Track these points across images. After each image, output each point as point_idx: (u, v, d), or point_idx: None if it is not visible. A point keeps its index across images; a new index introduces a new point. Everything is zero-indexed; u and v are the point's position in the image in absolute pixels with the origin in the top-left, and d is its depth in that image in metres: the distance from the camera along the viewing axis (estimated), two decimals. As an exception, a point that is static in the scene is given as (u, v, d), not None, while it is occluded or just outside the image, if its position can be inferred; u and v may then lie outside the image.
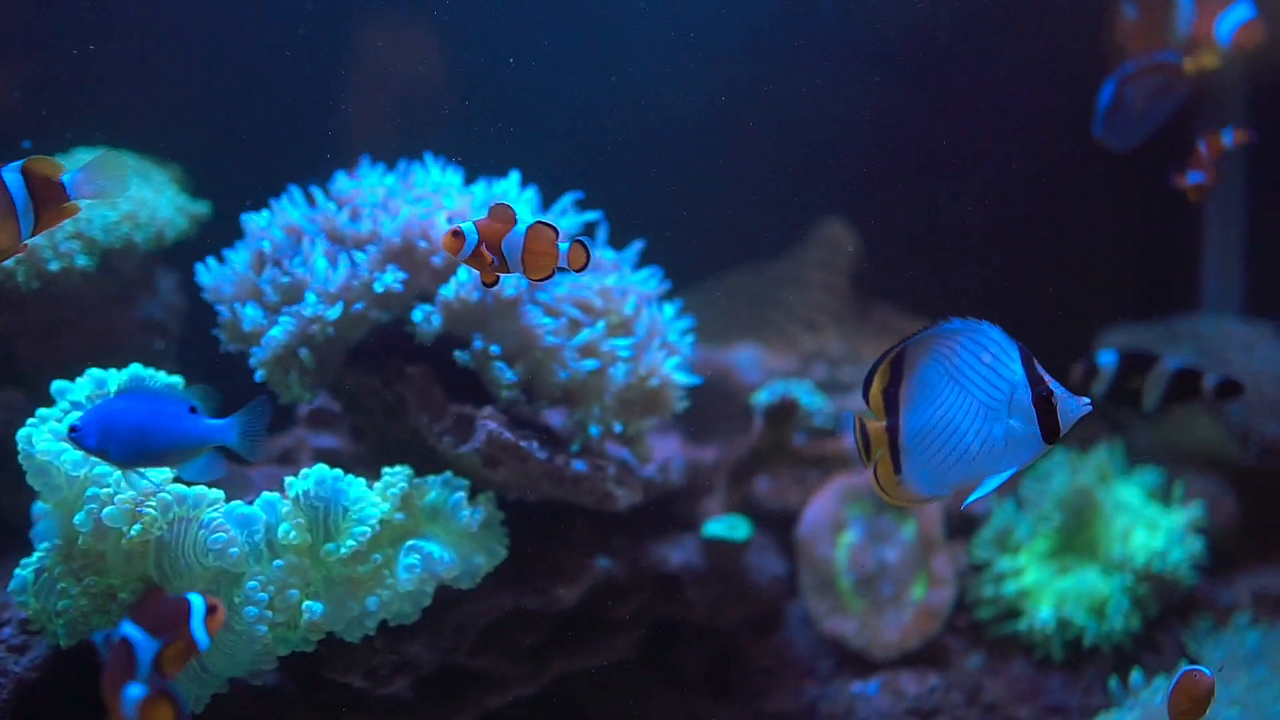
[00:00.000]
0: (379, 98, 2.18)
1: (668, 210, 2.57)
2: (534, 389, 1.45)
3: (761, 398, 1.71)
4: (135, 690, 0.93)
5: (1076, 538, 1.86)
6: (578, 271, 1.16)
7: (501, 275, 1.14)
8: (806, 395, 1.71)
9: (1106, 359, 1.79)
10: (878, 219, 2.55)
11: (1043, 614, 1.76)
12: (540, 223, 1.12)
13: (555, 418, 1.52)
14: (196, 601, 0.99)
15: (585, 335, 1.44)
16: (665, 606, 1.81)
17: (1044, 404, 1.05)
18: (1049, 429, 1.05)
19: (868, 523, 1.88)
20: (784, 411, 1.72)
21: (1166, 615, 1.92)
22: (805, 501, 1.94)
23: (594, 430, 1.43)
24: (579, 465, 1.42)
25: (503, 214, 1.12)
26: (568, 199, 1.54)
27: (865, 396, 1.11)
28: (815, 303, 2.38)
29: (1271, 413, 2.00)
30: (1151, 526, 1.93)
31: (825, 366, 2.27)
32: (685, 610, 1.82)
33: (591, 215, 1.58)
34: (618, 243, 1.64)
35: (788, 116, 2.57)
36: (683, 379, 1.55)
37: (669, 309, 1.59)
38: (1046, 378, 1.07)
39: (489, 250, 1.11)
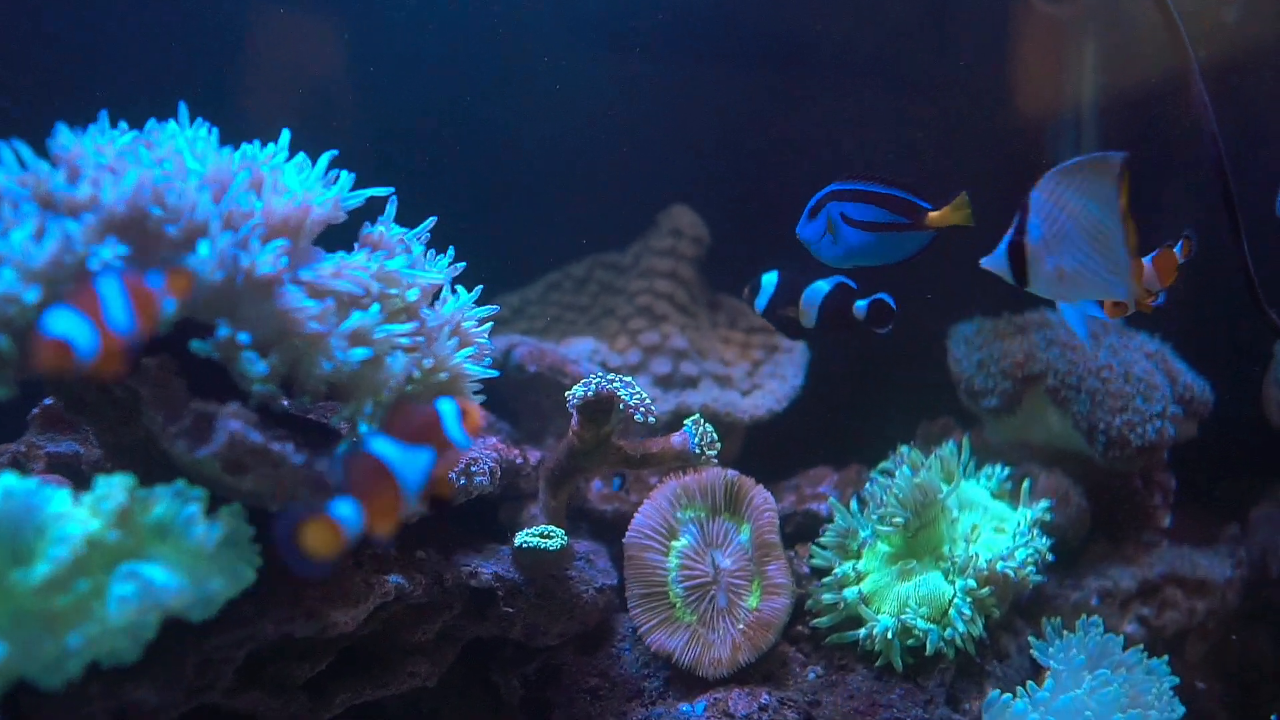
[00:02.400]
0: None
1: (512, 199, 2.40)
2: (296, 382, 1.25)
3: (577, 393, 1.55)
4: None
5: (920, 539, 1.76)
6: None
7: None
8: (627, 389, 1.56)
9: (768, 278, 1.71)
10: (727, 207, 2.44)
11: (883, 621, 1.65)
12: None
13: (327, 416, 1.33)
14: (447, 407, 1.04)
15: (355, 320, 1.25)
16: (478, 624, 1.63)
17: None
18: None
19: (702, 527, 1.74)
20: (602, 407, 1.56)
21: (1013, 617, 1.84)
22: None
23: (365, 429, 1.25)
24: (347, 470, 1.23)
25: None
26: (325, 160, 1.34)
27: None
28: (660, 293, 2.23)
29: (1119, 406, 1.94)
30: (997, 526, 1.85)
31: (668, 359, 2.12)
32: (501, 627, 1.64)
33: (381, 190, 1.39)
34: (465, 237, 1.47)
35: (637, 104, 2.45)
36: (476, 371, 1.37)
37: (465, 294, 1.42)
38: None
39: None
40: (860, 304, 1.67)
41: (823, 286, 1.66)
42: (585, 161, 2.48)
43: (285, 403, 1.27)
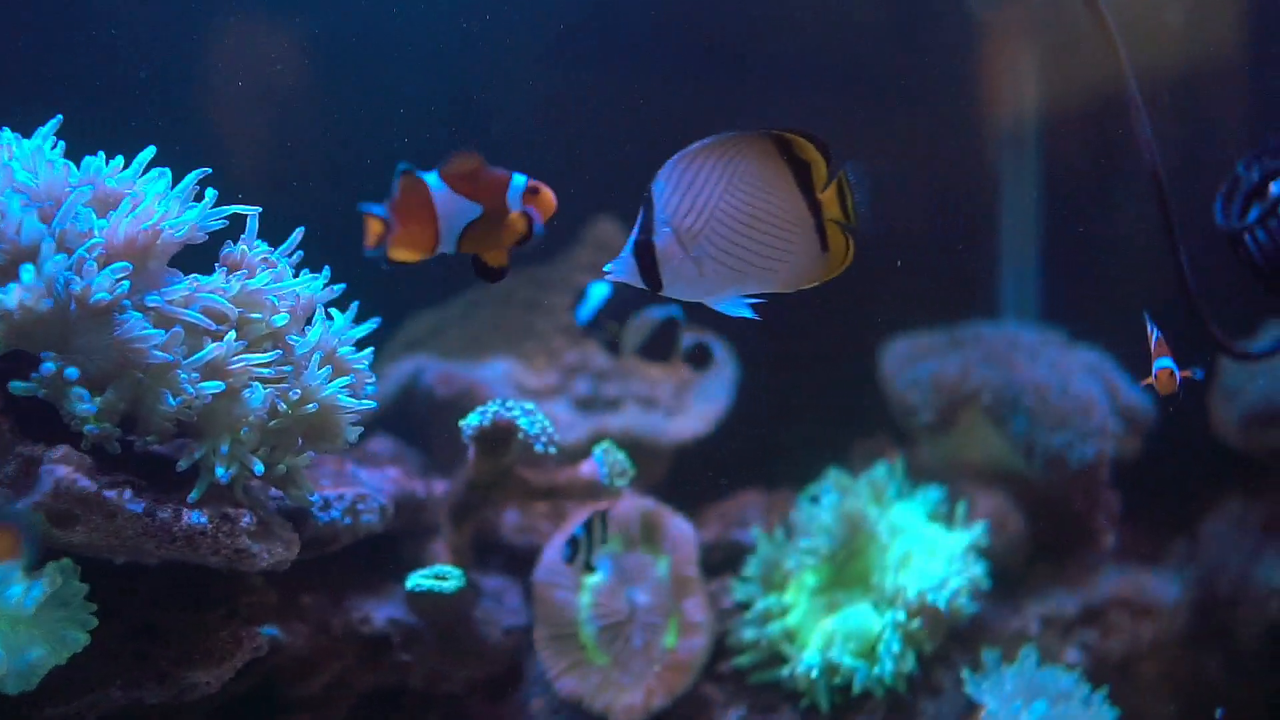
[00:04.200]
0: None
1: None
2: (139, 420, 1.13)
3: (471, 422, 1.43)
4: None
5: (849, 568, 1.66)
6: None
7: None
8: (527, 418, 1.45)
9: (597, 289, 1.63)
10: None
11: (807, 658, 1.55)
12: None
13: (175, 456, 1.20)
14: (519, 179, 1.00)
15: (208, 351, 1.13)
16: (372, 674, 1.51)
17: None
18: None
19: (617, 561, 1.63)
20: (500, 437, 1.45)
21: (950, 648, 1.74)
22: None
23: (221, 472, 1.13)
24: (195, 517, 1.11)
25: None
26: (191, 178, 1.22)
27: None
28: (582, 310, 2.12)
29: (1056, 424, 1.86)
30: (930, 552, 1.75)
31: (589, 380, 2.01)
32: (399, 676, 1.53)
33: (246, 208, 1.27)
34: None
35: (560, 114, 2.35)
36: (350, 403, 1.25)
37: (340, 318, 1.30)
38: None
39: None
40: (687, 341, 1.63)
41: (654, 314, 1.58)
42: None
43: (136, 442, 1.15)
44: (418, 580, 1.43)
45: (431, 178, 1.00)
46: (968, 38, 2.50)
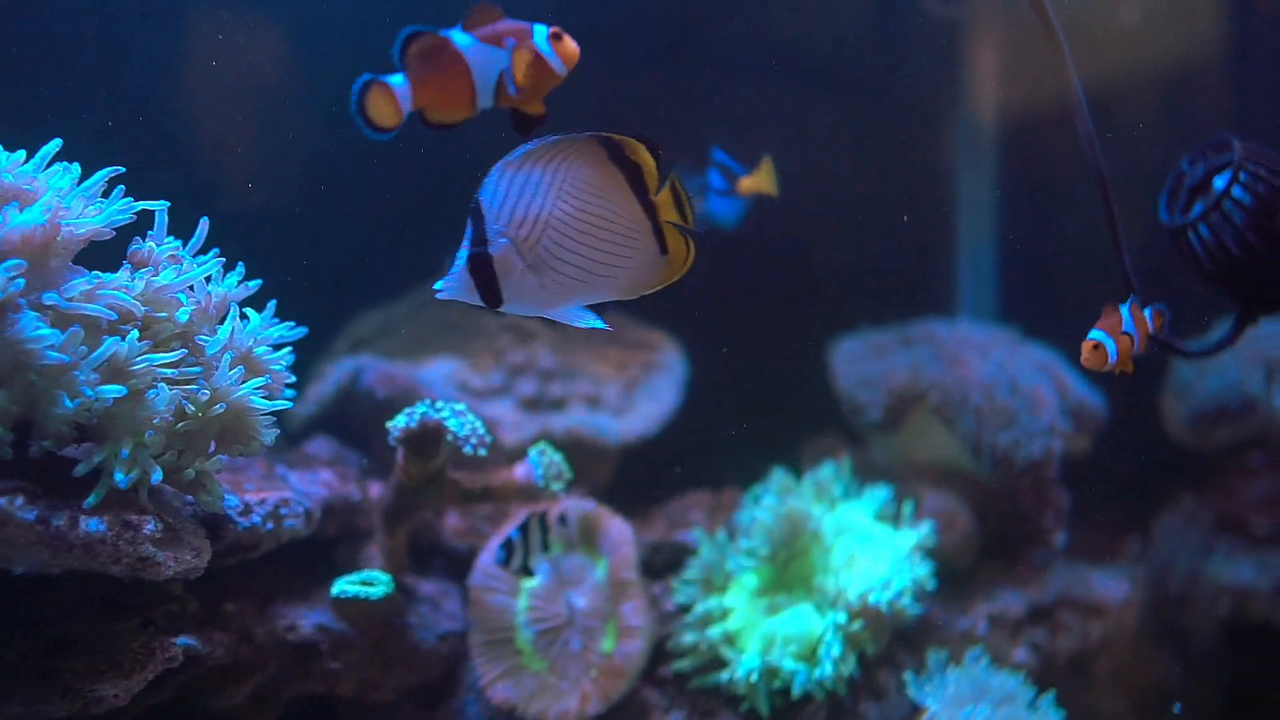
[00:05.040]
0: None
1: (378, 209, 2.24)
2: (35, 425, 1.09)
3: (398, 423, 1.40)
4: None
5: (792, 569, 1.63)
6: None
7: None
8: (457, 419, 1.41)
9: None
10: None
11: (746, 661, 1.52)
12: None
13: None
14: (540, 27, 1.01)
15: (108, 350, 1.09)
16: (300, 682, 1.47)
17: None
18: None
19: (555, 564, 1.59)
20: (428, 439, 1.41)
21: (896, 649, 1.72)
22: (500, 540, 1.65)
23: (120, 477, 1.08)
24: (93, 525, 1.07)
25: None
26: (101, 175, 1.18)
27: None
28: (529, 308, 2.09)
29: (1004, 422, 1.84)
30: (876, 552, 1.73)
31: (534, 380, 1.98)
32: (328, 684, 1.49)
33: (154, 204, 1.22)
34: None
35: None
36: (264, 404, 1.21)
37: (256, 317, 1.26)
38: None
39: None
40: None
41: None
42: (469, 167, 2.33)
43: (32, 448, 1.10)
44: (343, 586, 1.40)
45: (456, 34, 0.98)
46: (927, 36, 2.48)
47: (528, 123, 1.02)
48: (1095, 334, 1.20)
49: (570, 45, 1.01)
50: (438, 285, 0.96)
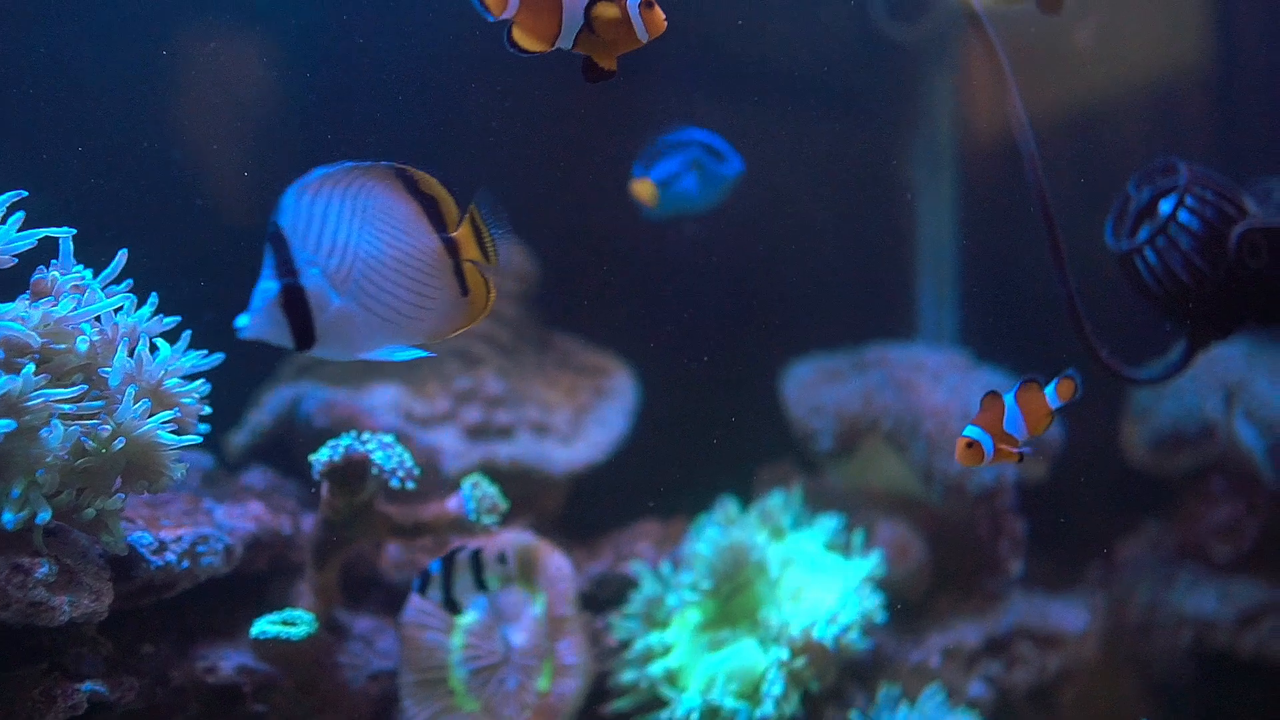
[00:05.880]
0: None
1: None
2: (-79, 463, 1.04)
3: (321, 456, 1.35)
4: None
5: (736, 603, 1.59)
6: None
7: None
8: (384, 452, 1.37)
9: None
10: (559, 237, 2.27)
11: (686, 700, 1.47)
12: None
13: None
14: None
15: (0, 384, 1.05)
16: (222, 726, 1.42)
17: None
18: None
19: (492, 599, 1.55)
20: (353, 473, 1.37)
21: (846, 684, 1.68)
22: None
23: (9, 517, 1.04)
24: (-24, 569, 1.02)
25: None
26: (4, 199, 1.14)
27: None
28: (477, 333, 2.05)
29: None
30: (825, 584, 1.69)
31: (480, 407, 1.93)
32: (252, 727, 1.43)
33: (58, 230, 1.18)
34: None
35: (454, 122, 2.28)
36: (171, 439, 1.17)
37: (166, 348, 1.21)
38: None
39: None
40: None
41: None
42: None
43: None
44: (263, 626, 1.35)
45: None
46: (885, 56, 2.46)
47: (597, 74, 0.99)
48: (971, 431, 1.14)
49: (659, 16, 0.99)
50: (239, 322, 0.85)
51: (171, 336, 1.28)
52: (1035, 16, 1.71)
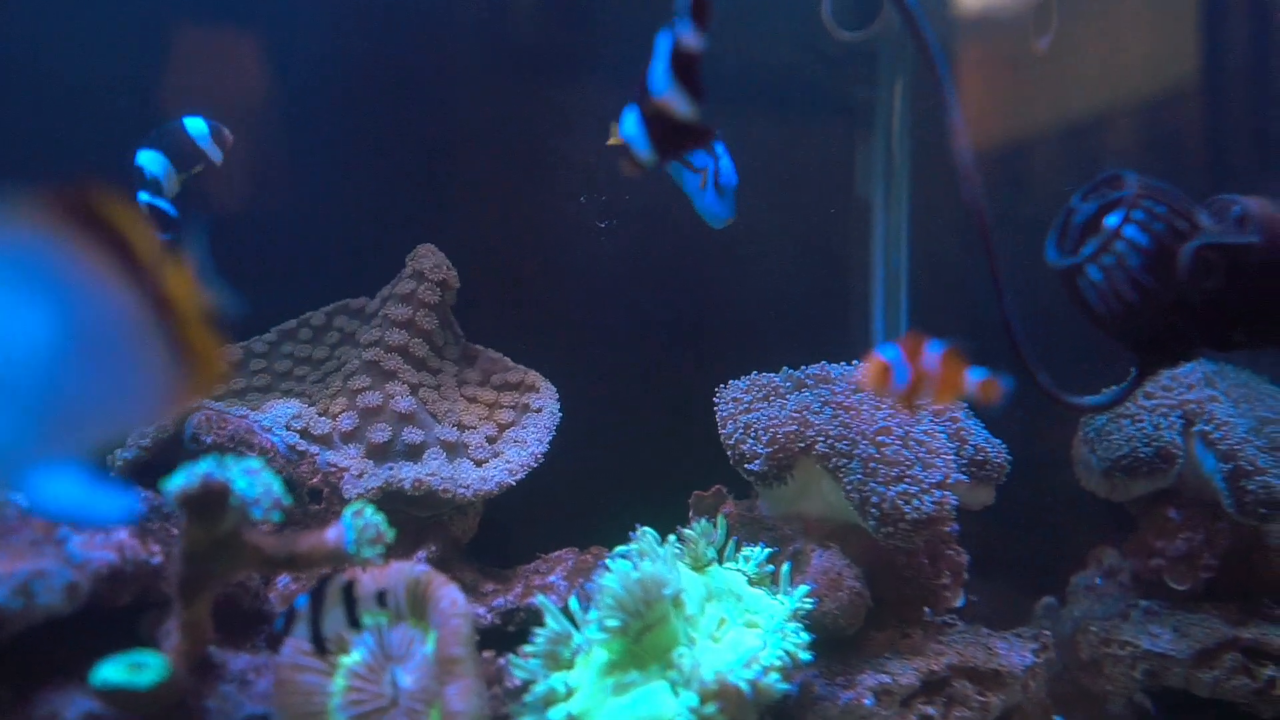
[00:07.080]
0: None
1: (243, 238, 2.08)
2: None
3: (175, 483, 1.22)
4: None
5: (648, 642, 1.47)
6: None
7: None
8: (248, 479, 1.24)
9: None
10: (485, 244, 2.16)
11: (585, 752, 1.35)
12: None
13: None
14: None
15: None
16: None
17: None
18: None
19: (380, 636, 1.42)
20: (210, 501, 1.24)
21: (769, 730, 1.56)
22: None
23: None
24: None
25: None
26: None
27: None
28: (392, 346, 1.92)
29: (893, 474, 1.69)
30: (750, 619, 1.57)
31: (388, 425, 1.81)
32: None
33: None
34: None
35: (383, 132, 2.17)
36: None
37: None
38: None
39: None
40: None
41: None
42: (339, 195, 2.18)
43: None
44: (106, 674, 1.21)
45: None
46: (838, 63, 2.36)
47: None
48: (887, 352, 0.99)
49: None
50: None
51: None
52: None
